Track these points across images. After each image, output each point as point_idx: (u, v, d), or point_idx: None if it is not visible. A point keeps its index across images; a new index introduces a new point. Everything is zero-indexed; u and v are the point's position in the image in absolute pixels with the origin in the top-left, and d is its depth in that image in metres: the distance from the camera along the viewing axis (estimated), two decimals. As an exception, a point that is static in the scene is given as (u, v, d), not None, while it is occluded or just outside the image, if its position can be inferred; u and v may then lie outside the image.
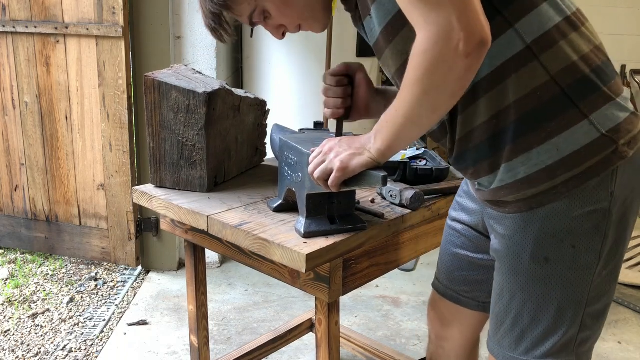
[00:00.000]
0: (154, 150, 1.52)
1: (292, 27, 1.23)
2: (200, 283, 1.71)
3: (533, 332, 1.14)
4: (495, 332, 1.22)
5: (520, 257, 1.12)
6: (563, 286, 1.10)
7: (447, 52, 0.93)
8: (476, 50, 0.92)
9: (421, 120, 1.05)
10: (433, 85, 0.98)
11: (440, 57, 0.94)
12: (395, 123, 1.06)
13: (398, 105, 1.05)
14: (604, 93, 1.03)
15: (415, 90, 1.00)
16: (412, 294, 2.84)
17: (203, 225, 1.37)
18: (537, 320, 1.13)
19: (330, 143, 1.18)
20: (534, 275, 1.11)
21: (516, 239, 1.12)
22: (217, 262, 3.10)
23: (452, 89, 0.99)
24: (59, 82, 2.81)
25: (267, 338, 2.12)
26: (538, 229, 1.08)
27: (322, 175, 1.15)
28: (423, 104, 1.01)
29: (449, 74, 0.95)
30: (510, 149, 1.06)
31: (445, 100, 1.01)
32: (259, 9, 1.18)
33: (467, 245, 1.38)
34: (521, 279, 1.13)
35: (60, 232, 3.01)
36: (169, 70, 1.57)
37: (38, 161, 2.94)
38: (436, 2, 0.92)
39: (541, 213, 1.07)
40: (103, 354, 2.32)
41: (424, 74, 0.97)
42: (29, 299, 2.72)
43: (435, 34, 0.93)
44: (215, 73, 2.86)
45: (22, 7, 2.74)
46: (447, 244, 1.43)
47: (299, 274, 1.32)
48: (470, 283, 1.40)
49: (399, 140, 1.09)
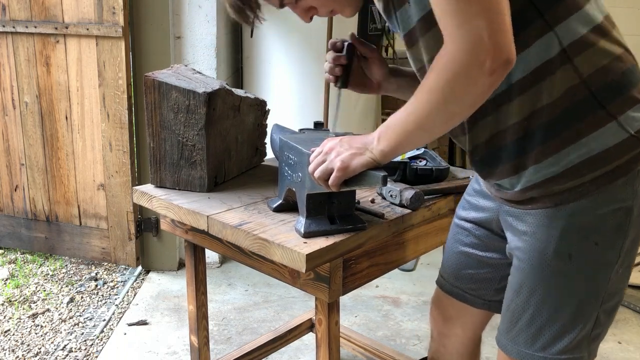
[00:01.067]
0: (154, 150, 1.52)
1: (324, 11, 1.19)
2: (200, 283, 1.71)
3: (551, 329, 1.14)
4: (509, 329, 1.21)
5: (544, 253, 1.12)
6: (584, 283, 1.11)
7: (473, 67, 0.94)
8: (501, 68, 0.94)
9: (433, 128, 1.07)
10: (453, 97, 0.99)
11: (465, 70, 0.95)
12: (405, 128, 1.07)
13: (410, 110, 1.05)
14: (631, 96, 1.04)
15: (433, 98, 1.01)
16: (412, 294, 2.84)
17: (203, 225, 1.37)
18: (555, 317, 1.14)
19: (330, 143, 1.18)
20: (557, 271, 1.12)
21: (539, 235, 1.12)
22: (217, 262, 3.10)
23: (471, 103, 1.00)
24: (59, 82, 2.81)
25: (267, 338, 2.12)
26: (563, 226, 1.09)
27: (322, 175, 1.15)
28: (439, 113, 1.02)
29: (471, 88, 0.97)
30: (540, 150, 1.06)
31: (460, 112, 1.03)
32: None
33: (475, 243, 1.38)
34: (543, 275, 1.13)
35: (60, 232, 3.01)
36: (169, 70, 1.57)
37: (38, 161, 2.94)
38: (470, 16, 0.92)
39: (567, 210, 1.08)
40: (103, 354, 2.32)
41: (446, 84, 0.98)
42: (29, 299, 2.72)
43: (464, 47, 0.94)
44: (215, 73, 2.86)
45: (22, 7, 2.74)
46: (454, 242, 1.43)
47: (299, 273, 1.32)
48: (477, 281, 1.40)
49: (405, 144, 1.11)
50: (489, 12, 0.92)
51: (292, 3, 1.18)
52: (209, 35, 2.83)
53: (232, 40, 3.26)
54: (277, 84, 3.09)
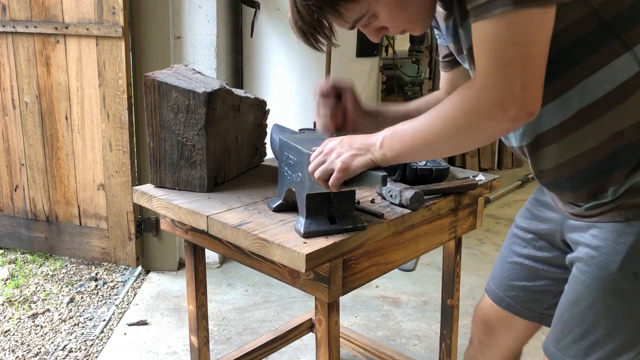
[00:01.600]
0: (153, 150, 1.52)
1: (396, 30, 1.16)
2: (200, 283, 1.71)
3: (606, 346, 1.10)
4: (560, 339, 1.17)
5: (607, 269, 1.07)
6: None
7: (498, 112, 0.95)
8: (523, 119, 0.95)
9: (440, 151, 1.08)
10: (469, 131, 1.00)
11: (489, 112, 0.96)
12: (413, 142, 1.07)
13: (422, 128, 1.06)
14: None
15: (449, 125, 1.02)
16: (412, 294, 2.84)
17: (203, 225, 1.37)
18: (611, 336, 1.09)
19: (331, 143, 1.18)
20: (619, 289, 1.07)
21: (606, 250, 1.07)
22: (217, 262, 3.10)
23: (482, 141, 1.03)
24: (59, 82, 2.81)
25: (267, 338, 2.12)
26: (632, 242, 1.04)
27: (323, 175, 1.15)
28: (450, 140, 1.04)
29: (489, 129, 0.99)
30: (620, 173, 1.03)
31: (470, 146, 1.05)
32: (369, 13, 1.10)
33: (534, 255, 1.35)
34: (604, 291, 1.09)
35: (60, 232, 3.01)
36: (169, 70, 1.57)
37: (38, 161, 2.94)
38: (508, 61, 0.93)
39: (637, 225, 1.03)
40: (103, 354, 2.32)
41: (466, 117, 0.99)
42: (29, 299, 2.72)
43: (495, 90, 0.95)
44: (215, 73, 2.86)
45: (22, 7, 2.74)
46: (509, 252, 1.40)
47: (298, 273, 1.32)
48: (530, 293, 1.37)
49: (407, 157, 1.12)
50: (527, 62, 0.92)
51: (365, 25, 1.14)
52: (209, 35, 2.83)
53: (232, 40, 3.26)
54: (277, 84, 3.09)
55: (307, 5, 1.07)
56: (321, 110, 1.36)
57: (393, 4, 1.08)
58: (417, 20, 1.13)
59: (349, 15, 1.09)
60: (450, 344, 1.85)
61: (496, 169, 5.05)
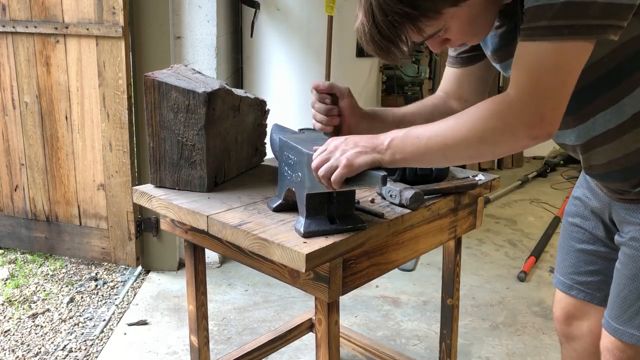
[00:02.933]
0: (153, 150, 1.52)
1: (458, 42, 1.20)
2: (200, 283, 1.71)
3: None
4: (620, 315, 1.24)
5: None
6: None
7: (522, 129, 1.01)
8: (543, 139, 1.03)
9: (454, 158, 1.12)
10: (489, 143, 1.05)
11: (513, 128, 1.02)
12: (426, 146, 1.10)
13: (439, 132, 1.08)
14: None
15: (470, 135, 1.05)
16: (412, 294, 2.84)
17: (203, 225, 1.37)
18: None
19: (335, 141, 1.19)
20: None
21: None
22: (217, 262, 3.10)
23: (501, 153, 1.10)
24: (59, 82, 2.81)
25: (267, 338, 2.12)
26: None
27: (327, 172, 1.16)
28: (468, 148, 1.07)
29: (510, 144, 1.05)
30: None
31: (487, 156, 1.11)
32: (444, 29, 1.13)
33: (590, 239, 1.41)
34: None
35: (60, 232, 3.01)
36: (168, 70, 1.57)
37: (38, 161, 2.94)
38: (546, 85, 1.00)
39: None
40: (103, 354, 2.32)
41: (489, 130, 1.04)
42: (29, 299, 2.72)
43: (527, 107, 1.01)
44: (215, 73, 2.86)
45: (22, 7, 2.75)
46: (569, 241, 1.46)
47: (298, 273, 1.32)
48: (596, 274, 1.42)
49: (418, 160, 1.14)
50: (562, 88, 1.00)
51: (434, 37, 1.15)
52: (209, 35, 2.83)
53: (232, 40, 3.26)
54: (277, 84, 3.09)
55: (389, 21, 1.08)
56: (317, 106, 1.37)
57: (465, 19, 1.13)
58: (480, 33, 1.19)
59: (427, 30, 1.11)
60: (450, 344, 1.85)
61: (496, 169, 5.05)
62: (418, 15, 1.07)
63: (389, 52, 1.14)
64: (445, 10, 1.08)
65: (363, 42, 1.15)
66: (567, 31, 0.96)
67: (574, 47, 0.98)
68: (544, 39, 0.98)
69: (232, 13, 3.21)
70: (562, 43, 0.97)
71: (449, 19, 1.10)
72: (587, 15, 0.95)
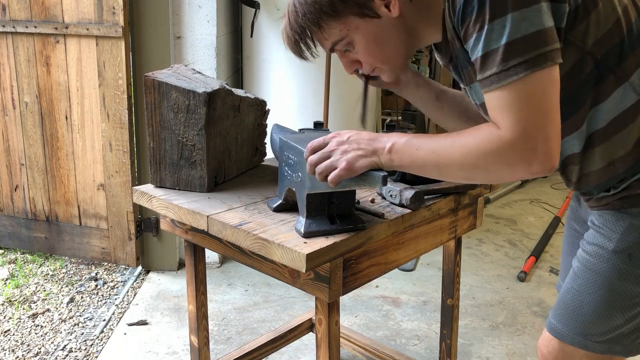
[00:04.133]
0: (154, 150, 1.52)
1: (367, 67, 1.23)
2: (200, 283, 1.71)
3: (597, 318, 1.19)
4: (557, 310, 1.26)
5: (605, 248, 1.17)
6: (638, 284, 1.15)
7: (520, 163, 1.00)
8: (543, 173, 1.01)
9: (447, 175, 1.12)
10: (485, 170, 1.05)
11: (511, 161, 1.01)
12: (424, 160, 1.10)
13: (438, 150, 1.08)
14: None
15: (466, 159, 1.05)
16: (412, 294, 2.84)
17: (203, 225, 1.37)
18: (604, 308, 1.18)
19: (337, 138, 1.18)
20: (615, 268, 1.16)
21: (604, 231, 1.17)
22: (217, 262, 3.10)
23: (499, 180, 1.08)
24: (59, 82, 2.81)
25: (267, 338, 2.12)
26: (627, 226, 1.14)
27: (325, 171, 1.15)
28: (462, 171, 1.07)
29: (508, 174, 1.04)
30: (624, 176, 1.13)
31: (484, 181, 1.10)
32: (347, 39, 1.17)
33: None
34: (601, 268, 1.17)
35: (60, 232, 3.01)
36: (168, 70, 1.57)
37: (38, 161, 2.94)
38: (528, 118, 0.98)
39: (632, 212, 1.13)
40: (103, 354, 2.32)
41: (485, 159, 1.03)
42: (29, 299, 2.72)
43: (518, 144, 0.99)
44: (215, 73, 2.86)
45: (22, 7, 2.75)
46: (569, 245, 1.46)
47: (299, 273, 1.32)
48: None
49: (414, 169, 1.14)
50: (546, 115, 0.98)
51: (341, 51, 1.21)
52: (209, 36, 2.83)
53: (232, 40, 3.26)
54: (277, 84, 3.09)
55: (296, 12, 1.15)
56: None
57: (370, 37, 1.15)
58: (389, 60, 1.21)
59: (329, 32, 1.16)
60: (450, 344, 1.85)
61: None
62: (318, 10, 1.12)
63: (297, 47, 1.21)
64: (347, 16, 1.12)
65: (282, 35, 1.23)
66: (523, 67, 0.96)
67: (539, 78, 0.97)
68: (505, 83, 0.98)
69: (232, 13, 3.21)
70: (525, 78, 0.96)
71: (353, 29, 1.14)
72: (531, 46, 0.95)
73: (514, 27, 0.95)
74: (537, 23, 0.95)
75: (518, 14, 0.95)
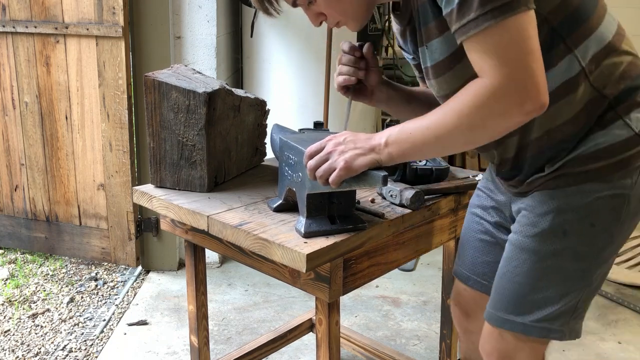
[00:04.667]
0: (154, 150, 1.52)
1: (332, 21, 1.24)
2: (200, 283, 1.71)
3: (534, 298, 1.18)
4: (494, 298, 1.25)
5: (538, 226, 1.16)
6: (574, 261, 1.15)
7: (513, 106, 1.00)
8: (537, 111, 1.01)
9: (450, 147, 1.12)
10: (482, 126, 1.05)
11: (504, 108, 1.01)
12: (423, 139, 1.10)
13: (433, 124, 1.08)
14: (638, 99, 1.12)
15: (462, 121, 1.05)
16: (412, 294, 2.84)
17: (203, 225, 1.37)
18: (540, 287, 1.18)
19: (333, 140, 1.18)
20: (549, 245, 1.16)
21: (538, 210, 1.17)
22: (217, 262, 3.10)
23: (498, 134, 1.07)
24: (59, 82, 2.81)
25: (267, 338, 2.12)
26: (561, 203, 1.14)
27: (324, 174, 1.16)
28: (462, 135, 1.07)
29: (504, 123, 1.04)
30: (554, 155, 1.14)
31: (485, 139, 1.09)
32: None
33: (489, 230, 1.41)
34: (535, 247, 1.17)
35: (60, 232, 3.01)
36: (169, 70, 1.57)
37: (38, 161, 2.94)
38: (512, 59, 0.98)
39: (567, 191, 1.13)
40: (103, 354, 2.32)
41: (478, 113, 1.03)
42: (29, 299, 2.72)
43: (506, 88, 0.99)
44: (215, 73, 2.86)
45: (22, 7, 2.74)
46: (469, 232, 1.46)
47: (299, 273, 1.32)
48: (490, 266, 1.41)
49: (416, 154, 1.14)
50: (530, 55, 0.98)
51: (305, 5, 1.22)
52: (209, 36, 2.83)
53: (232, 40, 3.26)
54: (277, 84, 3.09)
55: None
56: (343, 59, 1.39)
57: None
58: (351, 14, 1.21)
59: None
60: (450, 344, 1.85)
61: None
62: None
63: (262, 4, 1.22)
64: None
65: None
66: (499, 11, 0.96)
67: (518, 20, 0.97)
68: (484, 27, 0.98)
69: (232, 13, 3.21)
70: (504, 21, 0.97)
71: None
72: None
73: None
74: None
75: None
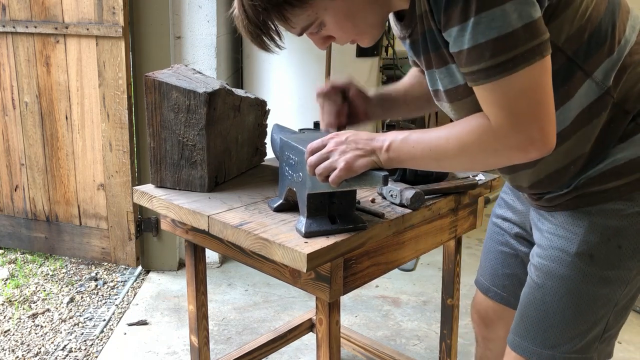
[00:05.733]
0: (154, 150, 1.52)
1: (344, 41, 1.18)
2: (200, 283, 1.71)
3: (562, 327, 1.14)
4: (518, 325, 1.21)
5: (565, 252, 1.13)
6: (602, 285, 1.11)
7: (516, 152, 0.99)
8: (541, 156, 1.00)
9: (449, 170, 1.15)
10: (485, 163, 1.05)
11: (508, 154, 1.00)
12: (423, 157, 1.10)
13: (434, 147, 1.07)
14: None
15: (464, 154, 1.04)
16: (412, 294, 2.84)
17: (204, 225, 1.37)
18: (568, 316, 1.14)
19: (335, 139, 1.18)
20: (578, 271, 1.12)
21: (562, 233, 1.13)
22: (217, 262, 3.10)
23: (494, 167, 1.07)
24: (59, 82, 2.81)
25: (267, 338, 2.12)
26: (587, 226, 1.10)
27: (324, 172, 1.16)
28: (463, 165, 1.08)
29: (506, 162, 1.04)
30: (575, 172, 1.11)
31: (480, 169, 1.10)
32: (317, 22, 1.10)
33: (511, 243, 1.39)
34: (561, 273, 1.13)
35: (60, 232, 3.01)
36: (169, 70, 1.57)
37: (38, 161, 2.94)
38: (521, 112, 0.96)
39: (591, 211, 1.10)
40: (103, 354, 2.32)
41: (481, 153, 1.03)
42: (29, 299, 2.72)
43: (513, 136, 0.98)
44: (215, 73, 2.86)
45: (22, 7, 2.74)
46: (491, 242, 1.44)
47: (299, 273, 1.32)
48: (515, 280, 1.40)
49: (414, 165, 1.14)
50: (539, 107, 0.96)
51: (313, 33, 1.15)
52: (209, 36, 2.83)
53: (232, 40, 3.26)
54: (277, 84, 3.09)
55: (254, 6, 1.06)
56: (325, 108, 1.38)
57: (341, 15, 1.09)
58: (365, 32, 1.15)
59: (296, 21, 1.09)
60: (450, 344, 1.85)
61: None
62: (281, 2, 1.04)
63: (261, 41, 1.13)
64: (312, 1, 1.05)
65: (239, 28, 1.14)
66: (512, 64, 0.93)
67: (529, 71, 0.94)
68: (495, 79, 0.95)
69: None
70: (516, 74, 0.94)
71: (322, 11, 1.07)
72: (520, 41, 0.92)
73: (503, 20, 0.91)
74: (525, 16, 0.92)
75: (508, 5, 0.91)
